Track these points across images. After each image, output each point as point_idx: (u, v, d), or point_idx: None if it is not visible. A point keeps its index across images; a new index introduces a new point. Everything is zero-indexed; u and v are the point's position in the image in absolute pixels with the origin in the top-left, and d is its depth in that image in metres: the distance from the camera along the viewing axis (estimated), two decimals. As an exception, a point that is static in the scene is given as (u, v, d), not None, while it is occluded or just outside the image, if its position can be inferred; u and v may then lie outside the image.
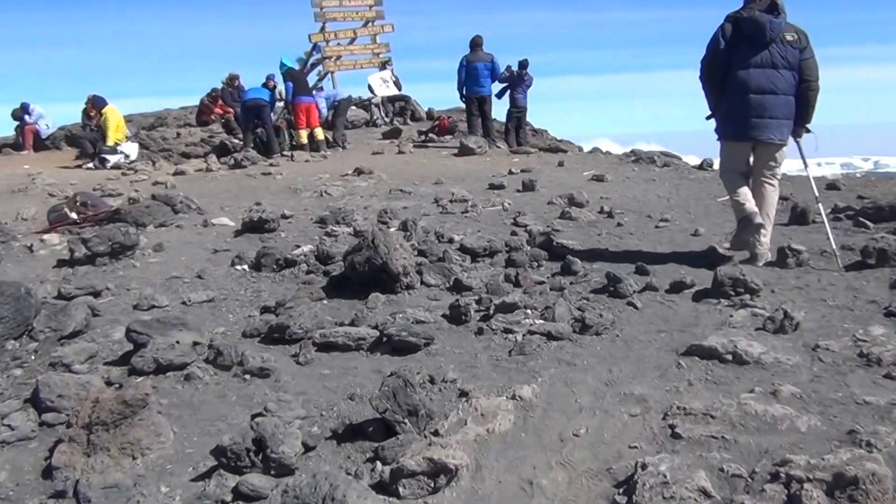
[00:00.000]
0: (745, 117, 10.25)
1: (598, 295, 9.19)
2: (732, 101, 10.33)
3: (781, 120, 10.23)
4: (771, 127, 10.21)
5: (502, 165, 21.75)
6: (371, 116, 34.40)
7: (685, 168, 21.35)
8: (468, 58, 26.55)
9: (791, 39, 10.05)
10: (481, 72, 26.53)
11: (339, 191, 17.15)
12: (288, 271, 10.64)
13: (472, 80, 26.61)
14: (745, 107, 10.21)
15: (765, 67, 10.10)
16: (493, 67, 26.77)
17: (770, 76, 10.10)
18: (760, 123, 10.19)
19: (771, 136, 10.25)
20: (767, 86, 10.10)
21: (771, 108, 10.15)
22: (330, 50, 36.49)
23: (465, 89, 26.87)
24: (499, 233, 12.47)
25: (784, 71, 10.10)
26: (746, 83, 10.15)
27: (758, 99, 10.13)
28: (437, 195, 16.18)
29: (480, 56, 26.57)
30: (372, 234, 9.71)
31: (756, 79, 10.11)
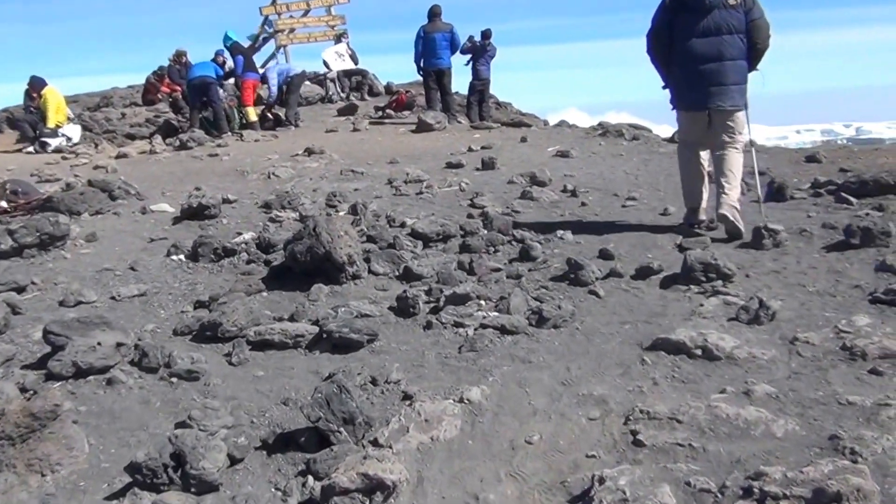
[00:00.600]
0: (693, 87, 10.51)
1: (557, 283, 8.81)
2: (680, 71, 10.62)
3: (730, 86, 10.40)
4: (719, 94, 10.39)
5: (462, 142, 21.30)
6: (326, 92, 33.94)
7: (655, 141, 20.90)
8: (426, 28, 26.06)
9: (734, 3, 10.18)
10: (439, 43, 26.06)
11: (288, 172, 16.73)
12: (227, 261, 10.23)
13: (430, 53, 26.12)
14: (693, 76, 10.44)
15: (709, 35, 10.28)
16: (452, 38, 26.30)
17: (715, 43, 10.27)
18: (709, 92, 10.39)
19: (720, 103, 10.42)
20: (713, 53, 10.29)
21: (718, 76, 10.34)
22: (282, 23, 36.03)
23: (422, 62, 26.39)
24: (454, 215, 12.06)
25: (728, 36, 10.26)
26: (691, 53, 10.37)
27: (705, 68, 10.34)
28: (391, 176, 15.78)
29: (439, 27, 26.07)
30: (314, 222, 9.32)
31: (701, 47, 10.31)
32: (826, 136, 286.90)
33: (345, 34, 35.33)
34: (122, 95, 34.77)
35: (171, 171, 18.47)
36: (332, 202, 13.28)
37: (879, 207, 10.87)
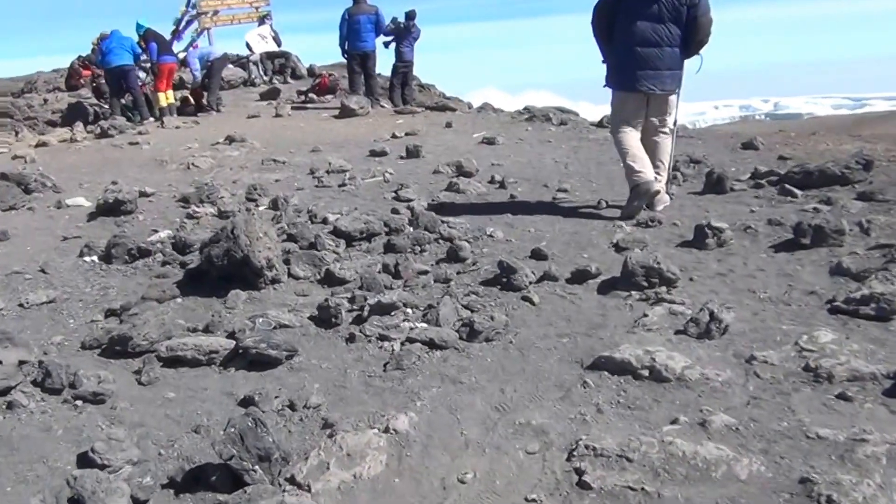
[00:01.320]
0: (631, 69, 10.63)
1: (489, 288, 8.20)
2: (619, 52, 10.71)
3: (665, 71, 10.61)
4: (655, 78, 10.60)
5: (385, 128, 20.75)
6: (249, 75, 33.12)
7: (584, 126, 20.28)
8: (350, 10, 25.40)
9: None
10: (364, 25, 25.47)
11: (208, 162, 16.11)
12: (141, 262, 9.58)
13: (355, 35, 25.55)
14: (632, 59, 10.56)
15: (651, 21, 10.42)
16: (377, 21, 25.70)
17: (656, 29, 10.42)
18: (645, 75, 10.58)
19: (654, 86, 10.64)
20: (652, 38, 10.44)
21: (655, 60, 10.52)
22: (206, 4, 35.21)
23: (346, 45, 25.80)
24: (378, 210, 11.48)
25: (670, 24, 10.41)
26: (632, 36, 10.49)
27: (643, 52, 10.48)
28: (313, 165, 15.23)
29: (363, 8, 25.45)
30: (231, 224, 8.67)
31: (642, 32, 10.44)
32: (744, 111, 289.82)
33: (268, 16, 34.51)
34: (47, 80, 33.72)
35: (90, 160, 17.75)
36: (252, 196, 12.68)
37: (827, 201, 10.33)
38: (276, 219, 10.72)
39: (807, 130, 17.86)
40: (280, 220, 10.64)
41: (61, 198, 13.16)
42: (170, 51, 26.55)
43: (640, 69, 10.58)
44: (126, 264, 9.57)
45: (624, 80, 10.86)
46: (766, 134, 16.63)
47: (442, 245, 9.70)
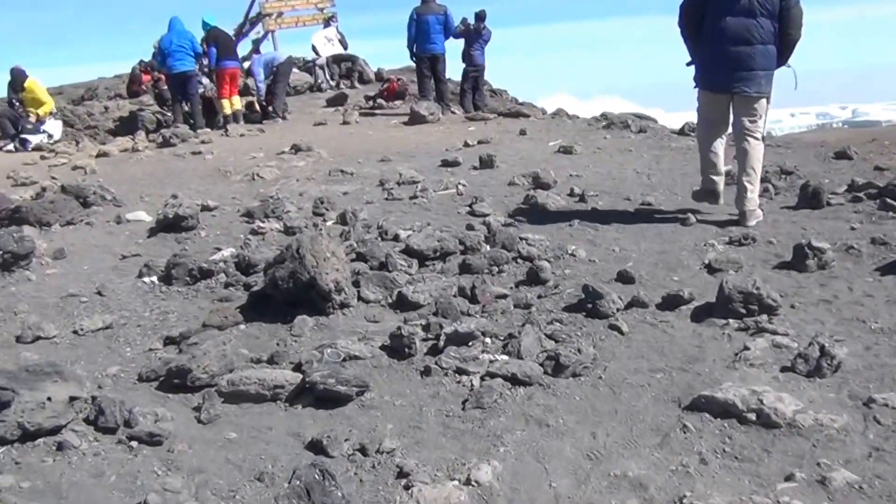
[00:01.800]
0: (720, 68, 10.42)
1: (573, 314, 7.77)
2: (709, 50, 10.51)
3: (758, 71, 10.30)
4: (746, 79, 10.32)
5: (457, 135, 20.30)
6: (315, 80, 32.91)
7: (664, 134, 19.67)
8: (418, 10, 24.70)
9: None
10: (433, 26, 24.74)
11: (273, 173, 15.71)
12: (203, 284, 9.23)
13: (423, 37, 24.84)
14: (721, 57, 10.33)
15: (741, 16, 10.15)
16: (446, 22, 24.99)
17: (747, 25, 10.13)
18: (735, 76, 10.33)
19: (746, 88, 10.37)
20: (744, 35, 10.16)
21: (747, 60, 10.24)
22: (269, 6, 34.96)
23: (415, 47, 25.16)
24: (452, 226, 11.07)
25: (762, 19, 10.12)
26: (723, 33, 10.24)
27: (734, 50, 10.23)
28: (382, 176, 14.80)
29: (432, 8, 24.75)
30: (297, 243, 8.28)
31: (733, 28, 10.18)
32: (821, 119, 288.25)
33: (334, 17, 34.31)
34: (108, 86, 33.73)
35: (151, 171, 17.41)
36: (319, 210, 12.30)
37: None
38: (345, 235, 10.31)
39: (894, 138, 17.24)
40: (349, 237, 10.24)
41: (121, 212, 12.84)
42: (233, 54, 25.75)
43: (732, 69, 10.33)
44: (187, 286, 9.23)
45: (713, 79, 10.65)
46: (859, 143, 16.02)
47: (521, 265, 9.29)
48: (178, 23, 24.70)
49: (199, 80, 25.42)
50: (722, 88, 10.56)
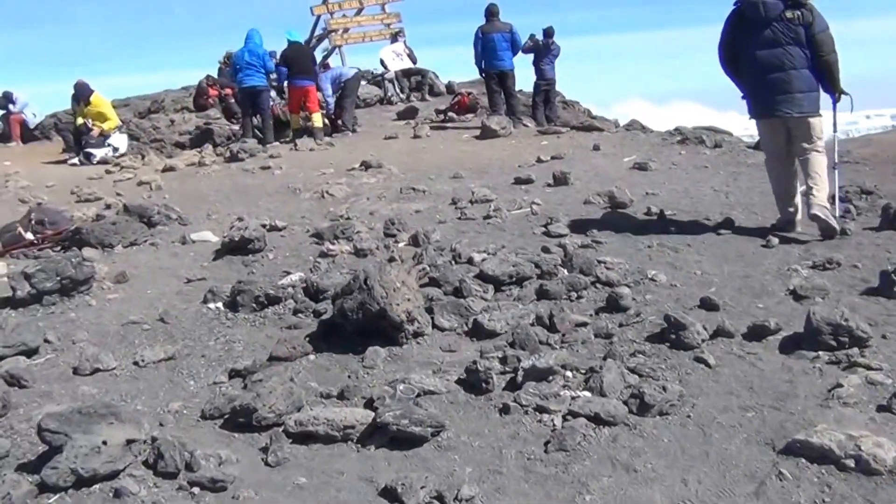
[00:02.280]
0: (761, 96, 11.01)
1: (656, 345, 7.44)
2: (748, 81, 11.15)
3: (796, 94, 10.75)
4: (787, 102, 10.79)
5: (530, 150, 20.04)
6: (385, 93, 32.87)
7: (740, 149, 19.16)
8: (483, 29, 24.72)
9: (791, 17, 10.60)
10: (499, 44, 24.72)
11: (343, 191, 15.49)
12: (271, 310, 8.98)
13: (490, 54, 24.80)
14: (760, 85, 10.95)
15: (770, 47, 10.74)
16: (512, 38, 24.95)
17: (776, 54, 10.71)
18: (776, 100, 10.83)
19: (787, 110, 10.82)
20: (775, 63, 10.73)
21: (783, 84, 10.75)
22: (335, 22, 35.15)
23: (483, 63, 25.06)
24: (528, 247, 10.78)
25: (790, 47, 10.67)
26: (756, 63, 10.86)
27: (770, 77, 10.78)
28: (455, 194, 14.54)
29: (497, 26, 24.73)
30: (364, 274, 8.01)
31: (764, 58, 10.78)
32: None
33: (401, 32, 34.56)
34: (175, 98, 33.67)
35: (219, 187, 17.33)
36: (390, 231, 12.03)
37: None
38: (417, 258, 10.07)
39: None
40: (421, 260, 9.97)
41: (187, 231, 12.64)
42: (307, 72, 25.24)
43: (771, 94, 10.86)
44: (254, 312, 8.98)
45: (758, 107, 11.19)
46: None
47: (600, 291, 8.97)
48: (254, 36, 24.61)
49: (270, 94, 25.21)
50: (768, 113, 11.05)
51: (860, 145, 18.22)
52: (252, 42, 24.41)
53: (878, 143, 18.59)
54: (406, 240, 11.47)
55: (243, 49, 24.45)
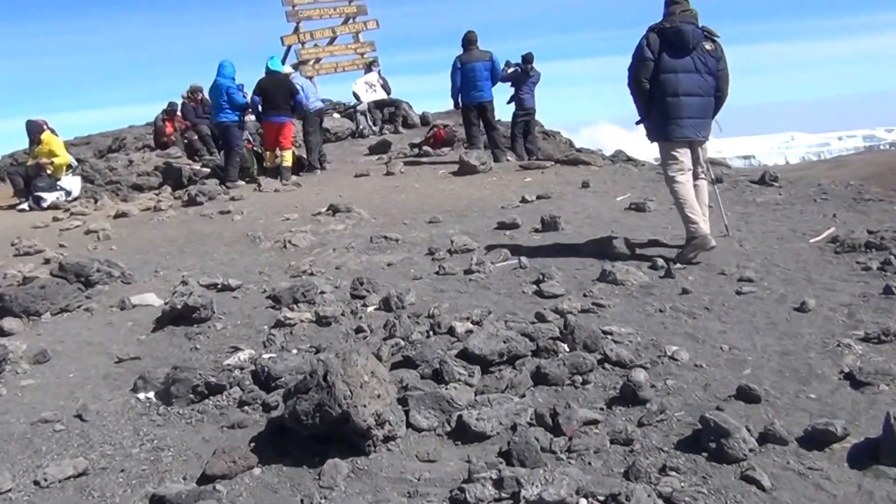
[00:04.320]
0: (679, 118, 11.37)
1: (690, 456, 5.88)
2: (665, 104, 11.39)
3: (707, 119, 11.62)
4: (702, 126, 11.55)
5: (512, 188, 18.67)
6: (357, 126, 31.59)
7: (744, 185, 17.69)
8: (462, 59, 23.22)
9: (710, 48, 11.36)
10: (480, 73, 23.23)
11: (307, 240, 14.03)
12: (212, 402, 7.42)
13: (470, 85, 23.31)
14: (678, 109, 11.34)
15: (690, 72, 11.29)
16: (492, 68, 23.49)
17: (696, 80, 11.32)
18: (693, 123, 11.42)
19: (700, 134, 11.59)
20: (694, 89, 11.31)
21: (699, 109, 11.43)
22: (306, 52, 33.99)
23: (461, 95, 23.57)
24: (518, 311, 9.33)
25: (706, 76, 11.37)
26: (676, 87, 11.28)
27: (688, 101, 11.31)
28: (431, 242, 13.15)
29: (476, 55, 23.25)
30: (324, 367, 6.41)
31: (685, 83, 11.28)
32: (868, 141, 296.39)
33: (375, 62, 33.13)
34: (138, 135, 32.16)
35: (173, 236, 15.83)
36: (358, 291, 10.52)
37: None
38: (389, 329, 8.68)
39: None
40: (394, 332, 8.55)
41: (128, 293, 11.11)
42: (281, 107, 23.28)
43: (688, 118, 11.34)
44: (191, 405, 7.41)
45: (674, 130, 11.44)
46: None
47: (610, 374, 7.44)
48: (223, 68, 23.04)
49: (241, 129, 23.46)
50: (683, 136, 11.48)
51: (832, 166, 17.36)
52: (219, 75, 22.89)
53: (849, 164, 17.57)
54: (376, 303, 10.01)
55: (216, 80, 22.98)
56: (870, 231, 11.55)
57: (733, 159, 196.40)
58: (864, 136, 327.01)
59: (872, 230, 11.62)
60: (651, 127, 11.75)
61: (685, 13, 11.35)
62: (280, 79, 23.27)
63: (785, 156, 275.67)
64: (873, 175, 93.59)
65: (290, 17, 33.15)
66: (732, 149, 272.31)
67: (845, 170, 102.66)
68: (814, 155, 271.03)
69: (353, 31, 34.47)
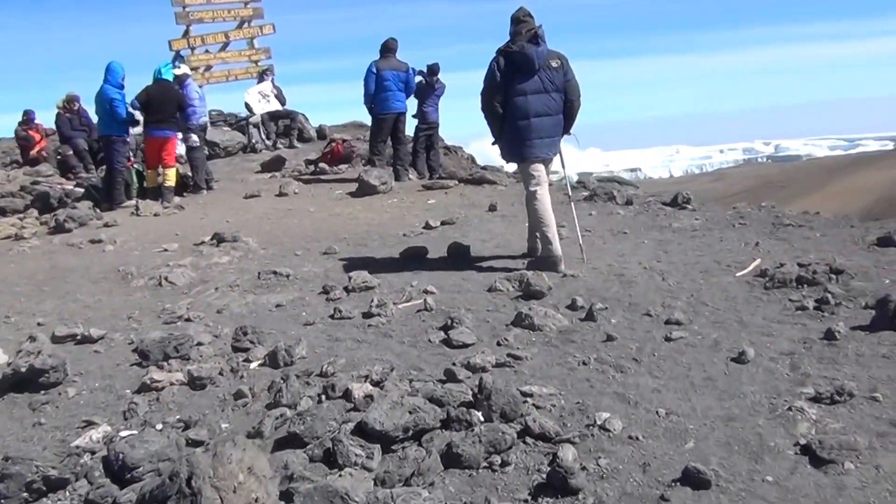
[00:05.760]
0: (528, 139, 12.16)
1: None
2: (516, 126, 12.15)
3: (556, 138, 12.46)
4: (551, 145, 12.40)
5: (415, 210, 18.00)
6: (249, 140, 30.35)
7: (657, 208, 17.19)
8: (379, 64, 22.58)
9: (556, 66, 12.07)
10: (395, 83, 22.78)
11: (187, 276, 12.88)
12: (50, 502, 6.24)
13: (387, 94, 22.77)
14: (528, 130, 12.11)
15: (539, 93, 12.01)
16: (407, 79, 23.07)
17: (544, 100, 12.05)
18: (542, 143, 12.23)
19: (550, 153, 12.51)
20: (543, 109, 12.07)
21: (548, 129, 12.22)
22: (196, 59, 32.27)
23: (375, 104, 22.89)
24: (425, 367, 8.37)
25: (554, 94, 12.09)
26: (526, 108, 12.02)
27: (538, 122, 12.09)
28: (327, 279, 12.20)
29: (393, 64, 22.77)
30: (188, 469, 5.22)
31: (534, 104, 12.01)
32: (747, 154, 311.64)
33: (270, 70, 31.83)
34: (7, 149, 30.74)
35: (32, 270, 14.41)
36: (240, 342, 9.41)
37: None
38: (275, 394, 7.61)
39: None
40: (280, 398, 7.51)
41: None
42: (166, 120, 21.86)
43: (538, 138, 12.15)
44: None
45: (527, 151, 12.25)
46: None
47: (533, 450, 6.43)
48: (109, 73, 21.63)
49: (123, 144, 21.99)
50: (537, 157, 12.29)
51: (713, 179, 17.05)
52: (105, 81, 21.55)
53: (727, 177, 17.22)
54: (262, 357, 8.96)
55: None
56: (800, 264, 10.99)
57: (621, 172, 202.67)
58: (744, 149, 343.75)
59: (803, 263, 11.08)
60: (506, 148, 12.52)
61: (530, 32, 11.92)
62: (168, 88, 21.97)
63: (669, 168, 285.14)
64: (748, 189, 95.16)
65: (180, 20, 31.61)
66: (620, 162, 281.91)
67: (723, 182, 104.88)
68: (696, 167, 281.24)
69: (248, 35, 33.31)
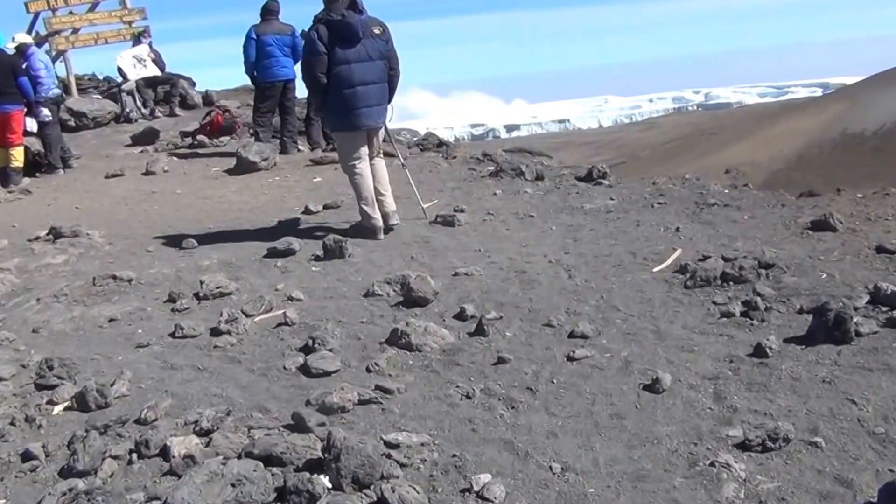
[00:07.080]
0: (354, 108, 12.42)
1: None
2: (342, 95, 12.37)
3: (382, 105, 12.83)
4: (376, 113, 12.69)
5: (297, 192, 16.73)
6: (123, 108, 28.53)
7: (569, 184, 15.96)
8: (258, 29, 21.05)
9: (378, 33, 12.44)
10: (279, 48, 21.25)
11: (8, 282, 11.28)
12: None
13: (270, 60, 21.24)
14: (354, 99, 12.37)
15: (362, 61, 12.32)
16: (293, 43, 21.33)
17: (369, 68, 12.39)
18: (368, 112, 12.52)
19: (377, 121, 12.85)
20: (368, 77, 12.38)
21: (374, 97, 12.53)
22: (58, 21, 30.06)
23: (257, 72, 21.40)
24: (272, 407, 7.16)
25: (378, 61, 12.49)
26: (350, 77, 12.28)
27: (363, 90, 12.37)
28: (176, 283, 10.87)
29: (276, 27, 21.23)
30: None
31: (358, 73, 12.30)
32: (677, 103, 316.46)
33: (146, 33, 30.17)
34: None
35: None
36: (45, 378, 7.97)
37: None
38: (70, 458, 6.28)
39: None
40: (75, 463, 6.19)
41: None
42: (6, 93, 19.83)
43: (364, 107, 12.42)
44: None
45: (351, 120, 12.50)
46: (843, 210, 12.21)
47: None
48: None
49: None
50: (360, 125, 12.57)
51: (644, 128, 16.27)
52: None
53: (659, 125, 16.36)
54: (68, 399, 7.55)
55: None
56: (725, 258, 10.01)
57: (549, 123, 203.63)
58: (673, 98, 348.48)
59: (728, 257, 10.10)
60: (330, 118, 13.12)
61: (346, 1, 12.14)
62: (2, 58, 20.13)
63: (598, 119, 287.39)
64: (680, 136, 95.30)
65: (38, -23, 29.29)
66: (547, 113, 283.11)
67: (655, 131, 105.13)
68: (626, 117, 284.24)
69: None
